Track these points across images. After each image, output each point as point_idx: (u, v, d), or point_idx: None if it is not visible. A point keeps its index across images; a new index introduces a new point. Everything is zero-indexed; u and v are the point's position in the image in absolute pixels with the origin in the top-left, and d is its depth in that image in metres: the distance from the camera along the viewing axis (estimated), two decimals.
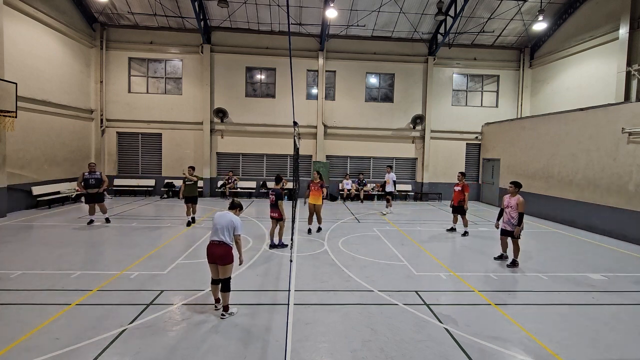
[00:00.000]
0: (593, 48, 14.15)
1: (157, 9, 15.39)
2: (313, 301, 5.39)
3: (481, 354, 4.09)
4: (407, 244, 9.04)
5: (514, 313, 5.18)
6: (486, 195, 17.48)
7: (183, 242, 8.60)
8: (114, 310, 4.91)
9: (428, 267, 7.22)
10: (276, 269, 6.85)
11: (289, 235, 8.36)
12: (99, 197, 10.24)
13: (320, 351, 4.09)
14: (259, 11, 15.71)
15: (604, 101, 12.46)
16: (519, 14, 15.81)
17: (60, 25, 13.76)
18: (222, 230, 4.80)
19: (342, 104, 17.49)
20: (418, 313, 5.08)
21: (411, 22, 16.41)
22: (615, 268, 7.52)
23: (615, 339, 4.53)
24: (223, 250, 4.74)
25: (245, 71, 17.06)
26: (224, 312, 4.82)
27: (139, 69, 16.88)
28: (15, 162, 11.77)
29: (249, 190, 17.10)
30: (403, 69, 17.59)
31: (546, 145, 13.19)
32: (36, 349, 3.92)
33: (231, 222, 4.83)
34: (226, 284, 4.80)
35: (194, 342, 4.17)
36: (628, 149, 9.97)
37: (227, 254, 4.76)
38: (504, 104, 18.14)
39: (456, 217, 10.46)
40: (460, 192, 10.08)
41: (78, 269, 6.49)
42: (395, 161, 18.13)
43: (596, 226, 10.88)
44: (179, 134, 16.88)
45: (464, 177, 10.39)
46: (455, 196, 10.22)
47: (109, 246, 8.22)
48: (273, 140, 17.27)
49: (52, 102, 13.41)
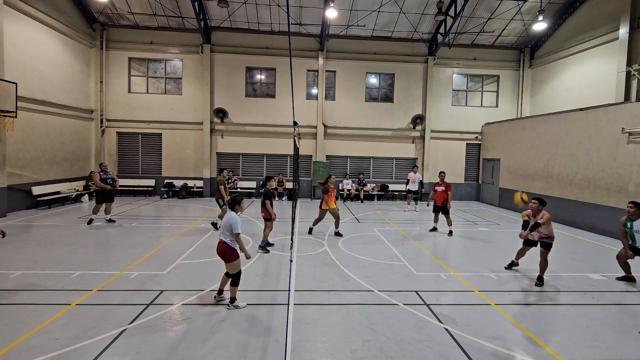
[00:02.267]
0: (593, 48, 14.15)
1: (157, 9, 15.39)
2: (313, 301, 5.39)
3: (481, 354, 4.09)
4: (407, 244, 9.04)
5: (514, 313, 5.18)
6: (486, 195, 17.47)
7: (183, 242, 8.60)
8: (114, 310, 4.91)
9: (428, 267, 7.22)
10: (276, 269, 6.84)
11: (289, 235, 8.36)
12: (112, 196, 10.51)
13: (320, 351, 4.09)
14: (259, 11, 15.71)
15: (604, 101, 12.46)
16: (519, 14, 15.81)
17: (60, 25, 13.76)
18: (222, 229, 5.09)
19: (342, 104, 17.49)
20: (418, 313, 5.07)
21: (411, 22, 16.41)
22: (615, 268, 7.51)
23: (615, 339, 4.52)
24: (223, 248, 5.02)
25: (245, 71, 17.06)
26: (229, 303, 5.10)
27: (139, 69, 16.88)
28: (15, 162, 11.77)
29: (249, 190, 17.10)
30: (403, 69, 17.59)
31: (546, 145, 13.19)
32: (36, 349, 3.91)
33: (227, 222, 5.03)
34: (234, 278, 5.09)
35: (194, 342, 4.17)
36: (628, 149, 9.97)
37: (226, 252, 5.00)
38: (504, 104, 18.14)
39: (437, 216, 10.41)
40: (443, 192, 9.99)
41: (78, 269, 6.49)
42: (395, 161, 18.13)
43: (596, 226, 10.88)
44: (179, 134, 16.88)
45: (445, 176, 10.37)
46: (438, 196, 10.10)
47: (109, 246, 8.22)
48: (273, 140, 17.27)
49: (52, 102, 13.41)
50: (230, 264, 5.03)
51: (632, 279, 6.62)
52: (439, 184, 10.15)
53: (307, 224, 10.86)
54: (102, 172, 10.32)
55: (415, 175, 14.58)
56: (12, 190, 11.55)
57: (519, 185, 14.73)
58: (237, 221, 5.01)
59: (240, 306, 5.11)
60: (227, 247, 4.99)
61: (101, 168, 10.51)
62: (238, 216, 5.12)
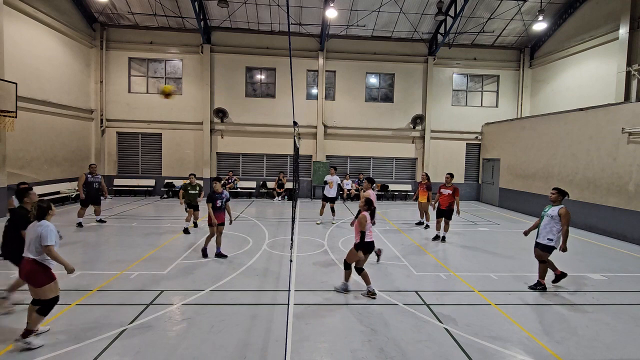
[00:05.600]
0: (593, 48, 14.15)
1: (157, 9, 15.38)
2: (313, 301, 5.39)
3: (481, 354, 4.09)
4: (407, 244, 9.04)
5: (514, 313, 5.17)
6: (486, 195, 17.47)
7: (183, 242, 8.60)
8: (114, 310, 4.91)
9: (428, 267, 7.22)
10: (276, 269, 6.84)
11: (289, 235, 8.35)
12: (99, 199, 10.19)
13: (320, 351, 4.09)
14: (259, 11, 15.70)
15: (604, 101, 12.45)
16: (519, 14, 15.80)
17: (60, 25, 13.76)
18: (29, 244, 3.95)
19: (342, 104, 17.48)
20: (418, 313, 5.07)
21: (411, 22, 16.40)
22: (615, 268, 7.52)
23: (615, 339, 4.52)
24: (30, 268, 3.89)
25: (245, 71, 17.06)
26: (22, 336, 3.86)
27: (139, 69, 16.88)
28: (15, 162, 11.76)
29: (249, 190, 17.10)
30: (403, 69, 17.59)
31: (546, 145, 13.19)
32: (36, 349, 3.91)
33: (37, 233, 3.88)
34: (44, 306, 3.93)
35: (194, 342, 4.17)
36: (628, 149, 9.97)
37: (34, 272, 3.88)
38: (504, 104, 18.14)
39: (440, 222, 9.29)
40: (450, 196, 9.05)
41: (78, 269, 6.45)
42: (395, 161, 18.13)
43: (596, 226, 10.88)
44: (179, 134, 16.88)
45: (452, 178, 9.39)
46: (443, 200, 9.13)
47: (109, 246, 8.22)
48: (273, 140, 17.27)
49: (52, 102, 13.41)
50: (41, 289, 3.88)
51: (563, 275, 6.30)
52: (445, 187, 9.23)
53: (307, 224, 10.90)
54: (89, 175, 9.85)
55: (332, 178, 11.18)
56: (12, 190, 11.50)
57: (519, 186, 14.74)
58: (50, 231, 3.89)
59: (33, 346, 3.83)
60: (35, 267, 3.87)
61: (90, 169, 10.00)
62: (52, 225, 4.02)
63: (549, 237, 5.97)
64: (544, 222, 6.05)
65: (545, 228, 6.02)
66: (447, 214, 9.17)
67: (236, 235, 9.36)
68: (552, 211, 5.98)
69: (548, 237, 5.97)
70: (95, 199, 10.08)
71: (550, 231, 5.96)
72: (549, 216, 5.99)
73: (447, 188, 9.23)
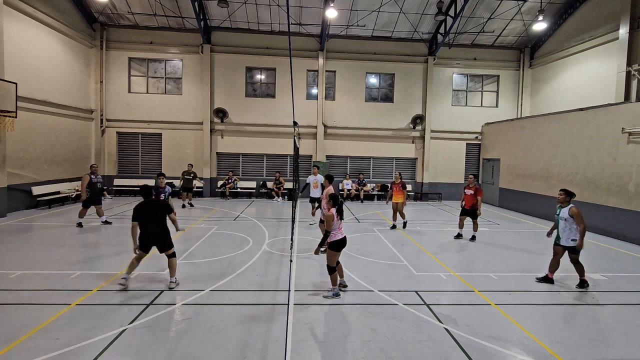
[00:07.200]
0: (593, 48, 14.15)
1: (157, 9, 15.38)
2: (313, 301, 5.39)
3: (481, 354, 4.09)
4: (407, 244, 9.04)
5: (514, 313, 5.17)
6: (486, 195, 17.45)
7: (183, 242, 8.59)
8: (114, 310, 4.91)
9: (428, 267, 7.21)
10: (276, 269, 6.84)
11: (289, 235, 8.35)
12: (100, 200, 10.24)
13: (320, 351, 4.09)
14: (259, 11, 15.71)
15: (604, 101, 12.45)
16: (519, 14, 15.81)
17: (60, 25, 13.76)
18: None
19: (342, 104, 17.48)
20: (418, 313, 5.07)
21: (411, 22, 16.41)
22: (615, 268, 7.52)
23: (615, 339, 4.52)
24: None
25: (245, 71, 17.06)
26: None
27: (139, 69, 16.88)
28: (15, 162, 11.76)
29: (249, 190, 17.10)
30: (403, 69, 17.59)
31: (546, 145, 13.18)
32: (36, 349, 3.91)
33: None
34: None
35: (194, 342, 4.17)
36: (628, 149, 9.97)
37: None
38: (504, 104, 18.14)
39: (463, 222, 9.68)
40: (472, 196, 9.37)
41: (78, 269, 6.49)
42: (395, 161, 18.13)
43: (596, 226, 10.87)
44: (179, 134, 16.88)
45: (475, 179, 9.53)
46: (467, 200, 9.51)
47: (109, 246, 8.21)
48: (273, 140, 17.27)
49: (52, 102, 13.41)
50: None
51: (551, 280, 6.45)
52: (468, 187, 9.56)
53: (307, 224, 10.89)
54: (92, 175, 9.90)
55: (315, 178, 10.52)
56: (12, 190, 11.55)
57: (519, 186, 14.74)
58: None
59: None
60: None
61: (91, 169, 10.04)
62: None
63: (572, 239, 6.17)
64: (561, 226, 6.26)
65: (564, 231, 6.24)
66: (472, 214, 9.47)
67: (236, 235, 9.36)
68: (564, 213, 6.20)
69: (571, 238, 6.18)
70: (97, 199, 10.14)
71: (570, 233, 6.18)
72: (563, 219, 6.21)
73: (470, 188, 9.54)
